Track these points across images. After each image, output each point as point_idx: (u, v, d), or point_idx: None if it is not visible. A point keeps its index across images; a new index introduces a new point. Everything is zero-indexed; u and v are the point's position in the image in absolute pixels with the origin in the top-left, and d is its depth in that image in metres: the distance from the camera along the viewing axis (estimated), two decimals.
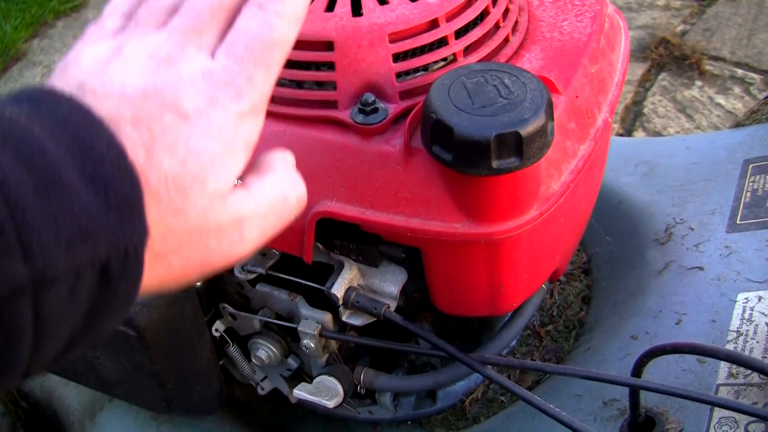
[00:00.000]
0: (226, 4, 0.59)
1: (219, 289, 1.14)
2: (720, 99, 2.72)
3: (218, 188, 0.56)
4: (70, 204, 0.47)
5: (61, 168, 0.48)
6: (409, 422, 1.24)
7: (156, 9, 0.60)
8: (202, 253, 0.56)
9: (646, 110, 2.71)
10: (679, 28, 3.09)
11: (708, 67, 2.85)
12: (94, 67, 0.55)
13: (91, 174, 0.49)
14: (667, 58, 2.91)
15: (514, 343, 1.25)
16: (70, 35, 3.41)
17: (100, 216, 0.48)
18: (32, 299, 0.45)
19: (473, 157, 0.77)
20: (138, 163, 0.51)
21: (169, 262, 0.55)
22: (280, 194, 0.62)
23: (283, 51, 0.60)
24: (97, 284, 0.48)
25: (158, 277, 0.54)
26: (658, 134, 2.59)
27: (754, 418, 0.90)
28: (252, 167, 0.63)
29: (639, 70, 2.89)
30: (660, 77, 2.85)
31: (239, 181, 0.59)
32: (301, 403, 1.19)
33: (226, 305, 1.11)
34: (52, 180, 0.47)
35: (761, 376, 0.93)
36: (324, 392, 1.09)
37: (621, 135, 2.61)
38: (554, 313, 1.29)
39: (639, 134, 2.61)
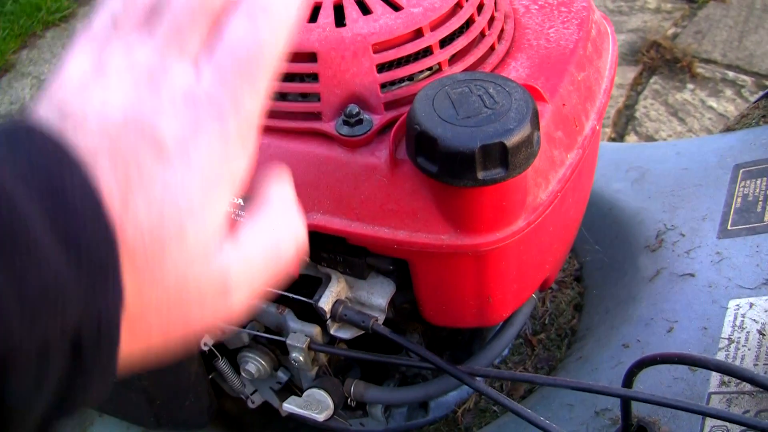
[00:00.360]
0: (209, 5, 0.53)
1: None
2: (712, 102, 2.72)
3: (200, 242, 0.50)
4: (37, 269, 0.43)
5: (29, 224, 0.43)
6: None
7: (138, 9, 0.53)
8: (183, 321, 0.51)
9: (638, 114, 2.71)
10: (671, 31, 3.09)
11: (699, 70, 2.85)
12: (76, 86, 0.51)
13: (64, 231, 0.45)
14: (659, 61, 2.91)
15: (506, 352, 1.25)
16: (59, 46, 3.40)
17: (71, 279, 0.44)
18: None
19: (458, 168, 0.76)
20: (114, 213, 0.47)
21: (148, 329, 0.50)
22: (274, 243, 0.56)
23: (272, 69, 0.54)
24: (69, 358, 0.44)
25: (136, 346, 0.50)
26: (651, 138, 2.59)
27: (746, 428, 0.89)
28: (244, 199, 0.57)
29: (630, 73, 2.89)
30: (652, 80, 2.85)
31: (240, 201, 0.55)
32: (292, 416, 1.18)
33: None
34: (18, 238, 0.43)
35: None
36: (314, 405, 1.08)
37: (613, 139, 2.61)
38: (546, 322, 1.28)
39: (631, 138, 2.61)
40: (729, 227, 1.17)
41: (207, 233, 0.50)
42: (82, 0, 3.67)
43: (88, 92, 0.50)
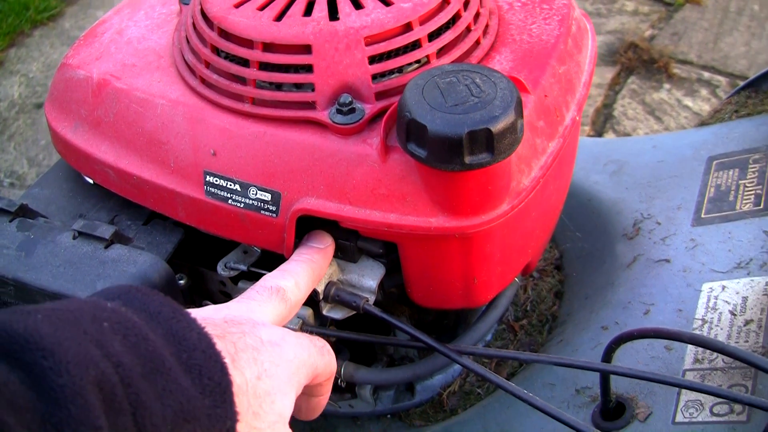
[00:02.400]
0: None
1: (202, 287, 1.17)
2: (687, 101, 2.76)
3: (282, 411, 0.65)
4: (173, 388, 0.53)
5: (163, 354, 0.55)
6: (389, 416, 1.27)
7: None
8: None
9: (616, 113, 2.76)
10: (648, 33, 3.14)
11: (676, 71, 2.90)
12: None
13: (186, 361, 0.56)
14: (636, 62, 2.96)
15: (489, 337, 1.29)
16: (47, 44, 3.42)
17: (198, 399, 0.54)
18: None
19: (447, 153, 0.81)
20: (226, 362, 0.59)
21: None
22: None
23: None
24: None
25: None
26: (628, 135, 2.64)
27: (719, 400, 0.93)
28: None
29: (609, 73, 2.93)
30: (629, 80, 2.90)
31: None
32: None
33: (209, 303, 1.14)
34: (156, 365, 0.53)
35: (725, 360, 0.97)
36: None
37: (592, 137, 2.65)
38: (528, 308, 1.32)
39: (609, 136, 2.66)
40: (703, 215, 1.22)
41: (286, 407, 0.66)
42: (69, 0, 3.69)
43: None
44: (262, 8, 0.96)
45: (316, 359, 0.74)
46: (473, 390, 1.23)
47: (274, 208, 0.94)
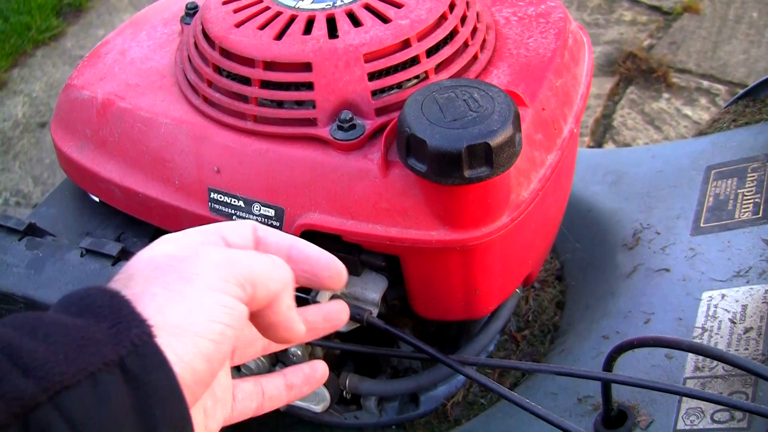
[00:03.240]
0: None
1: None
2: (687, 110, 2.78)
3: (214, 258, 0.59)
4: (56, 330, 0.51)
5: (42, 317, 0.52)
6: (394, 426, 1.28)
7: None
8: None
9: (615, 123, 2.77)
10: (646, 43, 3.16)
11: (675, 80, 2.91)
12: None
13: (75, 311, 0.53)
14: (635, 71, 2.97)
15: (492, 347, 1.30)
16: (49, 64, 3.44)
17: (92, 327, 0.52)
18: (54, 406, 0.48)
19: (446, 167, 0.82)
20: (116, 287, 0.56)
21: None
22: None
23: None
24: (123, 382, 0.51)
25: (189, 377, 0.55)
26: (628, 146, 2.65)
27: (719, 407, 0.94)
28: None
29: (607, 84, 2.95)
30: (628, 90, 2.91)
31: None
32: (289, 411, 1.23)
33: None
34: (35, 325, 0.51)
35: (725, 367, 0.98)
36: (311, 398, 1.13)
37: (591, 147, 2.66)
38: (530, 319, 1.33)
39: (609, 146, 2.66)
40: (702, 224, 1.23)
41: (215, 255, 0.60)
42: (70, 19, 3.71)
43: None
44: (262, 27, 0.97)
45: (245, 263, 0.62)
46: (477, 400, 1.24)
47: (277, 224, 0.96)
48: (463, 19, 1.01)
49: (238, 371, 1.22)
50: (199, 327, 0.56)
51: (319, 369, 0.76)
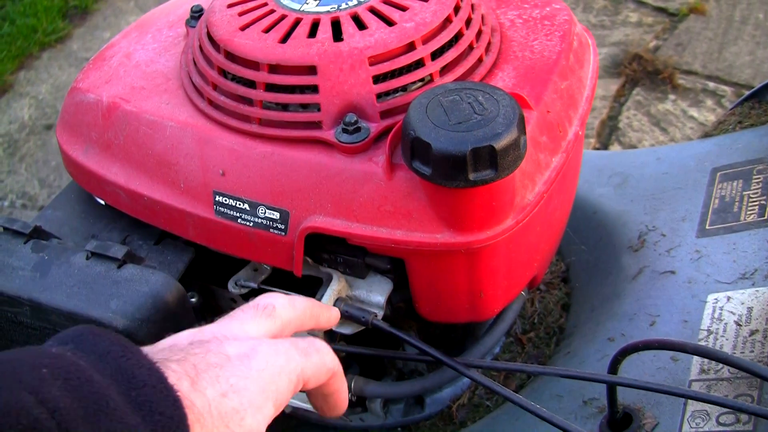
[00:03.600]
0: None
1: (213, 305, 1.18)
2: (693, 112, 2.77)
3: (254, 427, 0.63)
4: (118, 428, 0.52)
5: (107, 395, 0.54)
6: (399, 429, 1.28)
7: None
8: None
9: (621, 124, 2.77)
10: (652, 44, 3.15)
11: (680, 81, 2.91)
12: None
13: (135, 398, 0.55)
14: (641, 73, 2.97)
15: (497, 349, 1.30)
16: (55, 66, 3.45)
17: None
18: None
19: (451, 170, 0.82)
20: (183, 390, 0.58)
21: None
22: None
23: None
24: None
25: None
26: (633, 147, 2.64)
27: (725, 410, 0.94)
28: None
29: (613, 85, 2.94)
30: (634, 92, 2.91)
31: None
32: (294, 413, 1.23)
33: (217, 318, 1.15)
34: (99, 406, 0.52)
35: (730, 370, 0.98)
36: None
37: (597, 149, 2.66)
38: (535, 321, 1.33)
39: (615, 148, 2.66)
40: (707, 227, 1.23)
41: (259, 424, 0.64)
42: (76, 22, 3.72)
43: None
44: (267, 30, 0.97)
45: (298, 362, 0.70)
46: (482, 402, 1.24)
47: (282, 227, 0.96)
48: (468, 22, 1.01)
49: None
50: None
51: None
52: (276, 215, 0.96)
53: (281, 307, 0.77)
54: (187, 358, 0.61)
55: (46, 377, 0.53)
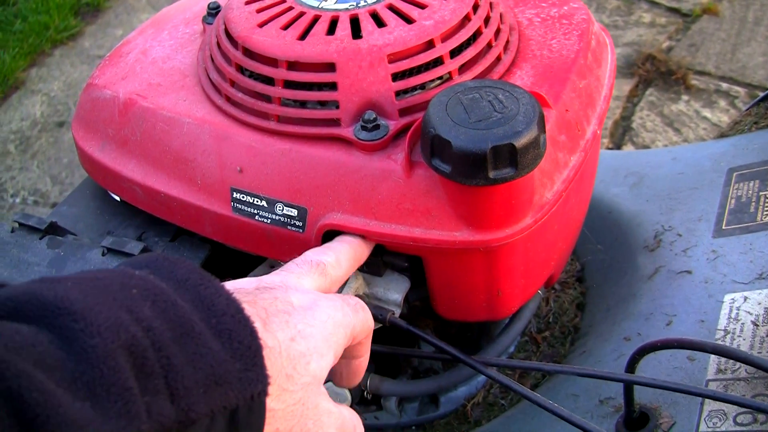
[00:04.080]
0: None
1: None
2: (706, 112, 2.77)
3: (317, 372, 0.66)
4: (204, 351, 0.54)
5: (192, 319, 0.56)
6: (414, 427, 1.28)
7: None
8: (300, 426, 0.65)
9: (634, 125, 2.76)
10: (665, 45, 3.15)
11: (694, 82, 2.91)
12: None
13: (216, 326, 0.57)
14: (654, 73, 2.96)
15: (512, 348, 1.30)
16: (67, 64, 3.46)
17: (228, 363, 0.55)
18: None
19: (471, 168, 0.82)
20: (256, 324, 0.60)
21: (277, 426, 0.62)
22: (350, 423, 0.76)
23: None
24: (225, 428, 0.55)
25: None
26: (646, 148, 2.64)
27: (742, 410, 0.94)
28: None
29: (626, 86, 2.94)
30: (647, 92, 2.90)
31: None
32: None
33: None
34: (186, 329, 0.55)
35: (748, 370, 0.98)
36: (332, 398, 1.12)
37: (610, 149, 2.65)
38: (550, 320, 1.33)
39: (628, 148, 2.66)
40: (723, 227, 1.23)
41: (322, 369, 0.66)
42: (89, 19, 3.72)
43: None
44: (285, 27, 0.97)
45: (351, 318, 0.74)
46: (497, 401, 1.24)
47: (300, 224, 0.96)
48: (487, 20, 1.01)
49: None
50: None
51: None
52: (294, 212, 0.96)
53: (331, 266, 0.82)
54: (257, 301, 0.64)
55: (137, 298, 0.54)
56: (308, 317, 0.67)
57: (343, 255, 0.87)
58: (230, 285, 0.66)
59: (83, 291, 0.53)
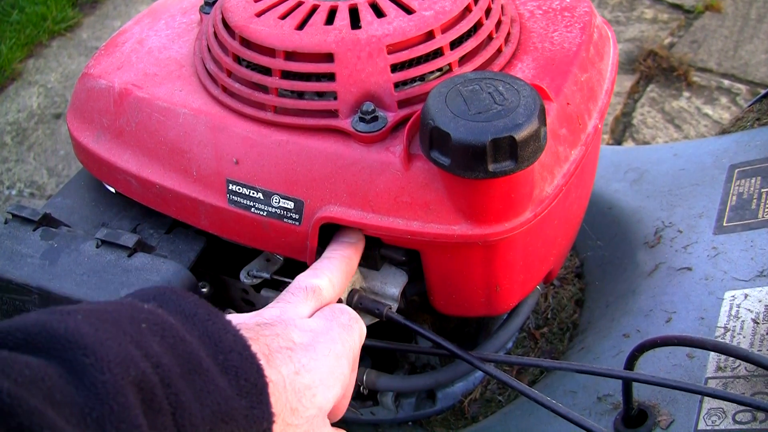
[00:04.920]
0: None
1: (225, 296, 1.17)
2: (707, 109, 2.76)
3: (323, 405, 0.67)
4: (211, 388, 0.55)
5: (200, 356, 0.56)
6: (410, 423, 1.27)
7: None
8: None
9: (635, 121, 2.75)
10: (667, 41, 3.14)
11: (695, 79, 2.90)
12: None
13: (223, 363, 0.57)
14: (656, 70, 2.95)
15: (510, 344, 1.29)
16: (64, 55, 3.44)
17: (235, 401, 0.56)
18: None
19: (470, 161, 0.81)
20: (261, 363, 0.60)
21: None
22: None
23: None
24: None
25: None
26: (647, 144, 2.63)
27: (741, 408, 0.93)
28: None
29: (628, 82, 2.93)
30: (648, 89, 2.89)
31: None
32: None
33: (231, 311, 1.14)
34: (194, 366, 0.55)
35: (747, 368, 0.97)
36: None
37: (611, 145, 2.64)
38: (549, 316, 1.32)
39: (628, 144, 2.65)
40: (725, 224, 1.22)
41: (328, 401, 0.68)
42: (86, 10, 3.71)
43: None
44: (283, 17, 0.96)
45: (350, 342, 0.76)
46: (494, 397, 1.23)
47: (297, 216, 0.95)
48: (488, 12, 1.00)
49: None
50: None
51: None
52: (290, 205, 0.95)
53: (325, 290, 0.83)
54: (259, 338, 0.65)
55: (146, 332, 0.55)
56: (310, 352, 0.68)
57: (335, 275, 0.87)
58: (231, 318, 0.66)
59: (93, 324, 0.52)
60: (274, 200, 0.95)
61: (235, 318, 0.68)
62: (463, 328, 1.25)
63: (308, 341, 0.70)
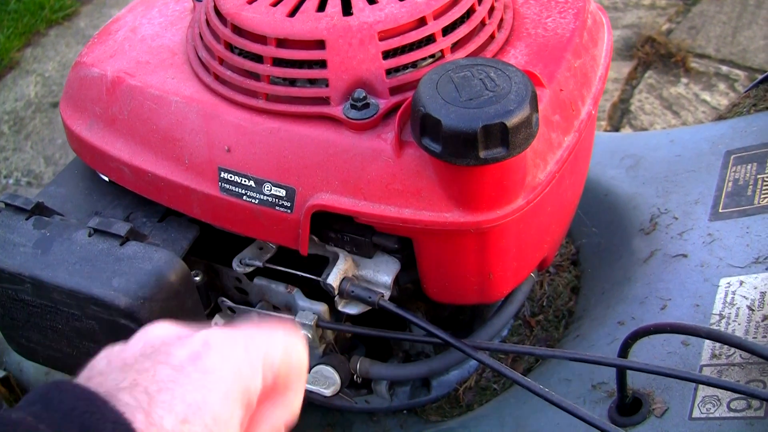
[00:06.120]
0: None
1: (218, 284, 1.17)
2: (705, 95, 2.75)
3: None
4: None
5: None
6: (405, 411, 1.27)
7: None
8: None
9: (632, 108, 2.74)
10: (665, 27, 3.13)
11: (693, 65, 2.89)
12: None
13: None
14: (653, 56, 2.94)
15: (505, 332, 1.28)
16: (62, 44, 3.43)
17: None
18: None
19: (461, 147, 0.80)
20: (140, 428, 0.53)
21: None
22: None
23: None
24: None
25: None
26: (645, 130, 2.62)
27: (736, 395, 0.93)
28: None
29: (625, 68, 2.92)
30: (646, 75, 2.88)
31: None
32: None
33: (224, 299, 1.14)
34: None
35: (742, 355, 0.96)
36: (321, 381, 1.12)
37: (608, 131, 2.64)
38: (544, 304, 1.32)
39: (626, 131, 2.64)
40: (720, 210, 1.21)
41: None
42: None
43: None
44: (275, 4, 0.95)
45: (259, 343, 0.61)
46: (489, 385, 1.23)
47: (288, 204, 0.94)
48: None
49: None
50: None
51: None
52: (282, 192, 0.94)
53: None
54: (138, 382, 0.56)
55: None
56: (197, 375, 0.57)
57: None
58: (120, 354, 0.59)
59: None
60: (266, 188, 0.95)
61: (123, 350, 0.60)
62: (457, 315, 1.25)
63: (195, 352, 0.59)
